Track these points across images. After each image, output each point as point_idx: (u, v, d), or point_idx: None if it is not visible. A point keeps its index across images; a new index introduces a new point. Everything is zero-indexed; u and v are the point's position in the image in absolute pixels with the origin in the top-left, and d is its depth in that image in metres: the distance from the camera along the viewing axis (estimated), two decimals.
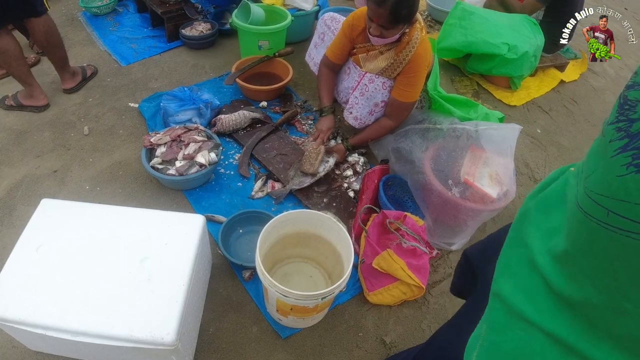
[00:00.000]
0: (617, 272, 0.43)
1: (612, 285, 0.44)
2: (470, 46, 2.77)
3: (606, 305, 0.45)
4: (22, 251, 1.27)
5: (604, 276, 0.45)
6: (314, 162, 2.02)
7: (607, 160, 0.42)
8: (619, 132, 0.41)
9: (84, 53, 2.85)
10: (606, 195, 0.41)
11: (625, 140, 0.39)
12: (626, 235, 0.40)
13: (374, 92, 2.01)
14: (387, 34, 1.80)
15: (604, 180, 0.42)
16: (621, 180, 0.39)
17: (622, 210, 0.40)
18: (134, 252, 1.30)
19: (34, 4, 2.12)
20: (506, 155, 1.84)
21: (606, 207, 0.41)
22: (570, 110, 3.01)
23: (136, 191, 2.01)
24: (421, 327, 1.68)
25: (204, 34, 2.91)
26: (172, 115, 2.20)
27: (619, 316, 0.45)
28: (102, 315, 1.17)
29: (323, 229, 1.55)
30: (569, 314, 0.50)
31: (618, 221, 0.40)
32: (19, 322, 1.15)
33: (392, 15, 1.71)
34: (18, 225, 1.83)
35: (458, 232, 1.87)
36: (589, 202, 0.44)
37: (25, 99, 2.35)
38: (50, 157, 2.14)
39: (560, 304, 0.51)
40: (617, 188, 0.40)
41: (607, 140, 0.43)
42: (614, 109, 0.43)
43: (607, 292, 0.45)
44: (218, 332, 1.57)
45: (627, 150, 0.39)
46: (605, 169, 0.42)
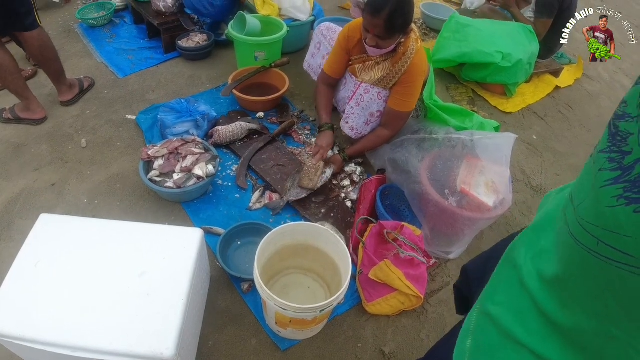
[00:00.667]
0: (608, 299, 0.43)
1: (603, 312, 0.44)
2: (464, 57, 2.80)
3: (596, 331, 0.46)
4: (21, 267, 1.27)
5: (595, 303, 0.45)
6: (313, 178, 2.01)
7: (596, 190, 0.42)
8: (611, 162, 0.41)
9: (80, 65, 2.87)
10: (596, 225, 0.42)
11: (618, 173, 0.39)
12: (616, 266, 0.40)
13: (369, 102, 2.02)
14: (383, 44, 1.82)
15: (594, 210, 0.43)
16: (611, 211, 0.39)
17: (611, 240, 0.40)
18: (133, 266, 1.30)
19: (21, 19, 2.12)
20: (502, 164, 1.85)
21: (596, 236, 0.42)
22: (565, 115, 3.03)
23: (134, 204, 2.01)
24: (420, 336, 1.68)
25: (201, 45, 2.93)
26: (169, 127, 2.21)
27: (609, 342, 0.45)
28: (101, 331, 1.17)
29: (321, 241, 1.55)
30: (559, 338, 0.51)
31: (607, 251, 0.41)
32: (18, 337, 1.15)
33: (387, 25, 1.72)
34: (16, 239, 1.83)
35: (455, 241, 1.88)
36: (580, 229, 0.45)
37: (22, 112, 2.35)
38: (48, 170, 2.14)
39: (550, 327, 0.51)
40: (607, 219, 0.40)
41: (597, 169, 0.43)
42: (605, 136, 0.43)
43: (597, 319, 0.46)
44: (217, 345, 1.57)
45: (618, 182, 0.39)
46: (595, 198, 0.42)
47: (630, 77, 3.71)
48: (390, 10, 1.68)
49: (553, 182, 2.46)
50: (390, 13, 1.69)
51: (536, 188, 2.40)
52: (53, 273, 1.26)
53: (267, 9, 2.86)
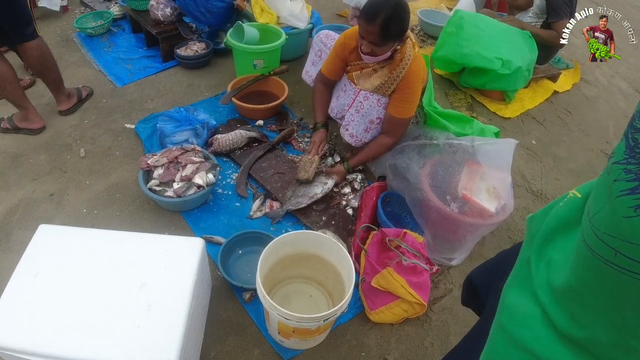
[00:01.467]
0: (625, 311, 0.43)
1: (620, 323, 0.44)
2: (464, 58, 2.80)
3: (614, 342, 0.45)
4: (20, 278, 1.26)
5: (612, 314, 0.44)
6: (308, 169, 2.05)
7: (613, 200, 0.41)
8: (628, 174, 0.40)
9: (79, 74, 2.86)
10: (613, 236, 0.41)
11: (635, 183, 0.39)
12: (634, 277, 0.39)
13: (369, 109, 2.02)
14: (379, 51, 1.82)
15: (610, 220, 0.42)
16: (628, 221, 0.39)
17: (629, 251, 0.39)
18: (133, 277, 1.29)
19: (21, 30, 2.12)
20: (503, 170, 1.85)
21: (614, 247, 0.41)
22: (564, 120, 3.04)
23: (134, 213, 2.00)
24: (424, 344, 1.67)
25: (199, 53, 2.93)
26: (168, 136, 2.20)
27: (627, 354, 0.44)
28: (102, 343, 1.15)
29: (323, 249, 1.54)
30: (572, 351, 0.50)
31: (626, 262, 0.40)
32: (17, 350, 1.14)
33: (382, 32, 1.73)
34: (15, 250, 1.81)
35: (457, 247, 1.87)
36: (597, 240, 0.44)
37: (20, 121, 2.34)
38: (46, 180, 2.13)
39: (563, 340, 0.51)
40: (624, 229, 0.40)
41: (612, 180, 0.42)
42: (621, 148, 0.43)
43: (614, 330, 0.45)
44: (219, 355, 1.55)
45: (636, 192, 0.39)
46: (611, 209, 0.42)
47: (628, 80, 3.72)
48: (385, 17, 1.69)
49: (553, 187, 2.45)
50: (385, 19, 1.69)
51: (537, 193, 2.40)
52: (53, 284, 1.25)
53: (266, 17, 2.87)
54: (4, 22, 2.06)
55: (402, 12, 1.74)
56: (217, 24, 3.05)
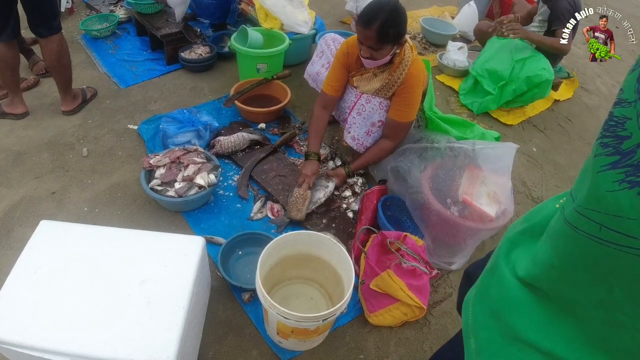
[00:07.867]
0: (612, 285, 0.43)
1: (607, 298, 0.44)
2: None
3: (602, 319, 0.46)
4: (20, 273, 1.26)
5: (598, 290, 0.45)
6: (300, 208, 1.97)
7: (594, 175, 0.42)
8: (605, 147, 0.41)
9: (83, 75, 2.88)
10: (597, 210, 0.42)
11: (616, 157, 0.40)
12: (619, 250, 0.40)
13: (371, 112, 2.03)
14: (377, 55, 1.84)
15: (593, 195, 0.42)
16: (612, 195, 0.39)
17: (614, 224, 0.40)
18: (133, 274, 1.29)
19: (50, 20, 2.20)
20: (503, 174, 1.85)
21: (598, 221, 0.42)
22: (565, 128, 3.05)
23: (135, 213, 2.00)
24: (423, 348, 1.66)
25: (203, 57, 2.95)
26: (171, 137, 2.21)
27: (615, 330, 0.45)
28: (101, 339, 1.15)
29: (323, 250, 1.54)
30: (563, 329, 0.50)
31: (611, 235, 0.40)
32: (17, 344, 1.14)
33: (379, 36, 1.75)
34: (16, 247, 1.82)
35: (457, 251, 1.87)
36: (578, 217, 0.44)
37: (7, 106, 2.44)
38: (48, 178, 2.14)
39: (553, 318, 0.51)
40: (608, 203, 0.40)
41: (592, 156, 0.43)
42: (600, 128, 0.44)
43: (602, 306, 0.45)
44: (217, 355, 1.55)
45: (618, 167, 0.39)
46: (593, 184, 0.42)
47: None
48: (382, 21, 1.71)
49: (554, 194, 2.41)
50: (382, 24, 1.72)
51: (537, 200, 2.40)
52: (53, 279, 1.25)
53: (270, 22, 2.90)
54: (35, 13, 2.15)
55: (398, 16, 1.76)
56: (211, 18, 3.23)
